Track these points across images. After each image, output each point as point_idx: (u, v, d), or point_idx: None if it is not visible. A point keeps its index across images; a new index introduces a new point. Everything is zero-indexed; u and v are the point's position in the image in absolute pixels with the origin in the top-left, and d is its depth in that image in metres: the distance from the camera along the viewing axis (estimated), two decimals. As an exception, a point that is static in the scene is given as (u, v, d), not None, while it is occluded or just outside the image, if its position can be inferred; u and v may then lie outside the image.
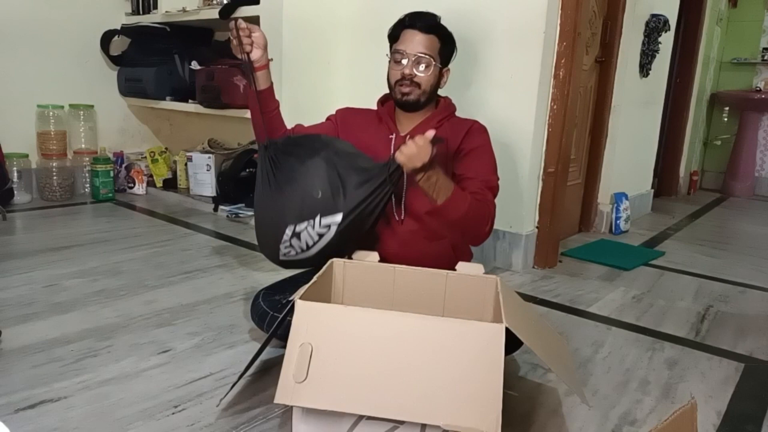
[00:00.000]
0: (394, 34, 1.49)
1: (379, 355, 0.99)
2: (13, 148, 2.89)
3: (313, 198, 1.34)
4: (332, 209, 1.34)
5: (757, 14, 4.45)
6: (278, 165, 1.39)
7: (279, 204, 1.38)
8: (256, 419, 1.15)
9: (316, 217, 1.34)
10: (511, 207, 2.20)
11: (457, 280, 1.31)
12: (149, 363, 1.35)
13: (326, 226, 1.34)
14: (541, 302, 1.90)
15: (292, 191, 1.36)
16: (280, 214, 1.37)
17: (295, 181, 1.37)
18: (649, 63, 3.03)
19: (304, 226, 1.35)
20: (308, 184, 1.35)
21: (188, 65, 3.08)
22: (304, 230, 1.35)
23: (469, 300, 1.30)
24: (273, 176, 1.38)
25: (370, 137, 1.51)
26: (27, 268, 1.95)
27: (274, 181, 1.38)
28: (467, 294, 1.31)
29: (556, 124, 2.18)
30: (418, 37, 1.43)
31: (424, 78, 1.45)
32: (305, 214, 1.35)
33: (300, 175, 1.37)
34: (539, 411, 1.24)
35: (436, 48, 1.45)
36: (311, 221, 1.34)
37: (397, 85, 1.47)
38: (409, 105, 1.48)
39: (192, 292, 1.81)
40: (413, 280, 1.32)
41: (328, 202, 1.34)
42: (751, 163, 4.47)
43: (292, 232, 1.36)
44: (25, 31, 2.91)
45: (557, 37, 2.12)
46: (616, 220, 2.93)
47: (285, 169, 1.38)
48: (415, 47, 1.43)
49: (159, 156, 3.30)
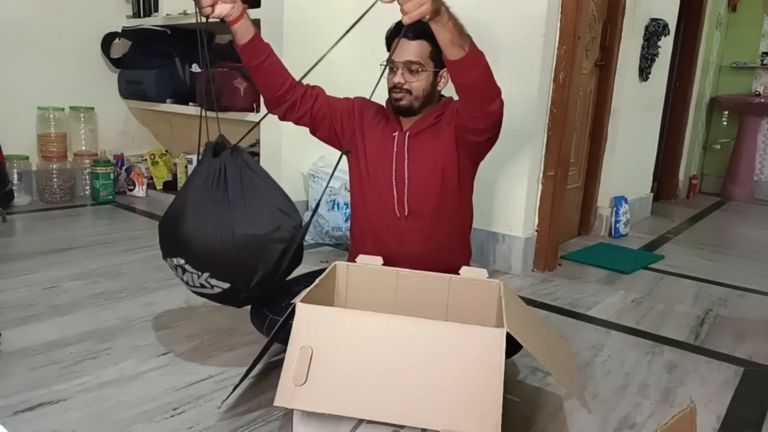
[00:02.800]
0: (388, 43, 1.50)
1: (379, 358, 0.99)
2: (13, 150, 2.89)
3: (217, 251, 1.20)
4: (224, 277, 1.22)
5: (756, 18, 4.46)
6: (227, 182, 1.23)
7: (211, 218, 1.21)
8: (255, 422, 1.15)
9: (204, 273, 1.22)
10: (511, 210, 2.20)
11: (461, 284, 1.31)
12: (148, 365, 1.35)
13: (209, 286, 1.24)
14: (541, 305, 1.90)
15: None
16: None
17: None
18: (648, 67, 3.03)
19: (190, 269, 1.23)
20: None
21: (189, 68, 3.09)
22: (187, 271, 1.24)
23: (472, 304, 1.30)
24: (224, 186, 1.22)
25: (377, 134, 1.53)
26: (27, 270, 1.95)
27: (223, 194, 1.22)
28: (470, 298, 1.31)
29: (555, 127, 2.19)
30: (406, 46, 1.44)
31: (414, 84, 1.45)
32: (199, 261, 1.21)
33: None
34: (539, 414, 1.24)
35: (426, 52, 1.45)
36: (198, 273, 1.22)
37: (391, 93, 1.49)
38: (402, 110, 1.49)
39: (191, 295, 1.79)
40: (416, 284, 1.32)
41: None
42: (750, 166, 4.48)
43: (178, 264, 1.24)
44: (27, 34, 2.91)
45: (557, 40, 2.13)
46: (615, 224, 2.93)
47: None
48: (403, 55, 1.44)
49: (159, 158, 3.30)
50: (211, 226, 1.19)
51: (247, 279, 1.23)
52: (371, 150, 1.52)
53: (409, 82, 1.45)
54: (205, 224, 1.19)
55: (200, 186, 1.24)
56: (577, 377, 1.34)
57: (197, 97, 2.85)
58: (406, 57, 1.44)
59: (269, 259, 1.22)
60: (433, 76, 1.47)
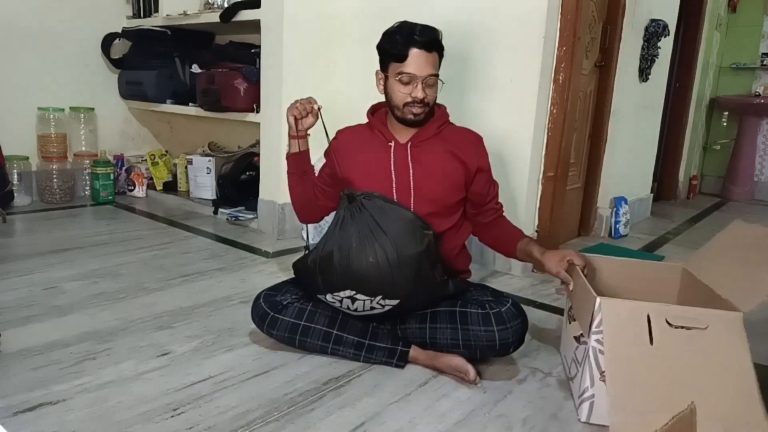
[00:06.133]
0: (401, 54, 1.41)
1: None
2: (13, 151, 2.89)
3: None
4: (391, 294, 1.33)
5: (756, 19, 4.46)
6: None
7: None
8: (254, 422, 1.15)
9: (377, 296, 1.33)
10: (511, 211, 2.19)
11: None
12: (148, 366, 1.35)
13: (381, 306, 1.35)
14: (540, 306, 1.90)
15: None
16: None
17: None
18: (648, 68, 3.03)
19: (361, 297, 1.33)
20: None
21: (189, 68, 3.09)
22: (357, 300, 1.34)
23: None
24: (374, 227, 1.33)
25: (367, 152, 1.51)
26: (27, 271, 1.95)
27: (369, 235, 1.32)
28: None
29: (555, 128, 2.19)
30: (424, 58, 1.40)
31: (432, 97, 1.46)
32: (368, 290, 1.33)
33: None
34: (538, 415, 1.24)
35: (438, 63, 1.45)
36: (371, 299, 1.34)
37: (406, 107, 1.44)
38: (418, 124, 1.48)
39: (191, 295, 1.81)
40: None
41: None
42: (750, 167, 4.48)
43: (346, 296, 1.35)
44: (27, 34, 2.91)
45: (557, 41, 2.13)
46: (615, 225, 2.93)
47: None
48: (425, 69, 1.41)
49: (159, 159, 3.30)
50: (371, 256, 1.29)
51: (412, 291, 1.33)
52: (365, 169, 1.50)
53: (429, 96, 1.44)
54: (367, 255, 1.30)
55: (340, 229, 1.35)
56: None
57: (198, 98, 2.85)
58: (427, 71, 1.41)
59: (425, 268, 1.33)
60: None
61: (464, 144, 1.51)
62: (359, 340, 1.40)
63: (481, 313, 1.34)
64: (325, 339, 1.40)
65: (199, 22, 2.87)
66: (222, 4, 2.79)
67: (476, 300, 1.39)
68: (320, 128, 1.54)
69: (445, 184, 1.47)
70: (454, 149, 1.48)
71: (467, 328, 1.34)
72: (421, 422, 1.19)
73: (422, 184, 1.46)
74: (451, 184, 1.47)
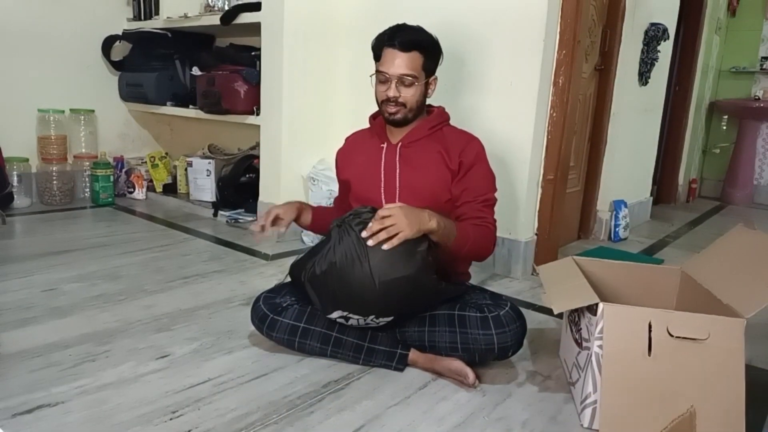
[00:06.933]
0: (376, 53, 1.46)
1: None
2: (13, 152, 2.90)
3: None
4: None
5: (755, 23, 4.47)
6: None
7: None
8: (254, 425, 1.15)
9: (369, 316, 1.32)
10: (511, 214, 2.20)
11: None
12: (147, 368, 1.35)
13: (376, 323, 1.35)
14: (539, 309, 1.90)
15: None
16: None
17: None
18: (648, 71, 3.04)
19: (354, 316, 1.33)
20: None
21: (189, 71, 3.09)
22: (352, 318, 1.34)
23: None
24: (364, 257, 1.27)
25: (363, 154, 1.54)
26: (26, 272, 1.94)
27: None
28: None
29: (555, 131, 2.19)
30: (398, 58, 1.41)
31: (408, 97, 1.44)
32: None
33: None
34: (538, 418, 1.24)
35: (418, 64, 1.44)
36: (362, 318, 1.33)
37: (383, 105, 1.47)
38: (397, 123, 1.49)
39: (191, 297, 1.81)
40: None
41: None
42: (749, 171, 4.48)
43: (340, 316, 1.34)
44: (27, 36, 2.92)
45: (557, 45, 2.13)
46: (615, 228, 2.93)
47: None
48: (397, 68, 1.41)
49: (159, 161, 3.31)
50: (360, 280, 1.25)
51: (407, 307, 1.34)
52: (359, 170, 1.53)
53: (403, 95, 1.44)
54: (356, 279, 1.25)
55: (330, 252, 1.30)
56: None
57: (198, 100, 2.86)
58: (400, 70, 1.42)
59: (420, 283, 1.29)
60: (425, 86, 1.47)
61: (456, 144, 1.50)
62: (358, 343, 1.40)
63: (479, 317, 1.34)
64: (325, 341, 1.40)
65: (200, 25, 2.88)
66: (222, 7, 2.80)
67: (475, 303, 1.39)
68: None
69: (432, 183, 1.46)
70: (443, 149, 1.48)
71: (466, 332, 1.34)
72: (421, 425, 1.18)
73: (408, 183, 1.47)
74: (438, 183, 1.47)
